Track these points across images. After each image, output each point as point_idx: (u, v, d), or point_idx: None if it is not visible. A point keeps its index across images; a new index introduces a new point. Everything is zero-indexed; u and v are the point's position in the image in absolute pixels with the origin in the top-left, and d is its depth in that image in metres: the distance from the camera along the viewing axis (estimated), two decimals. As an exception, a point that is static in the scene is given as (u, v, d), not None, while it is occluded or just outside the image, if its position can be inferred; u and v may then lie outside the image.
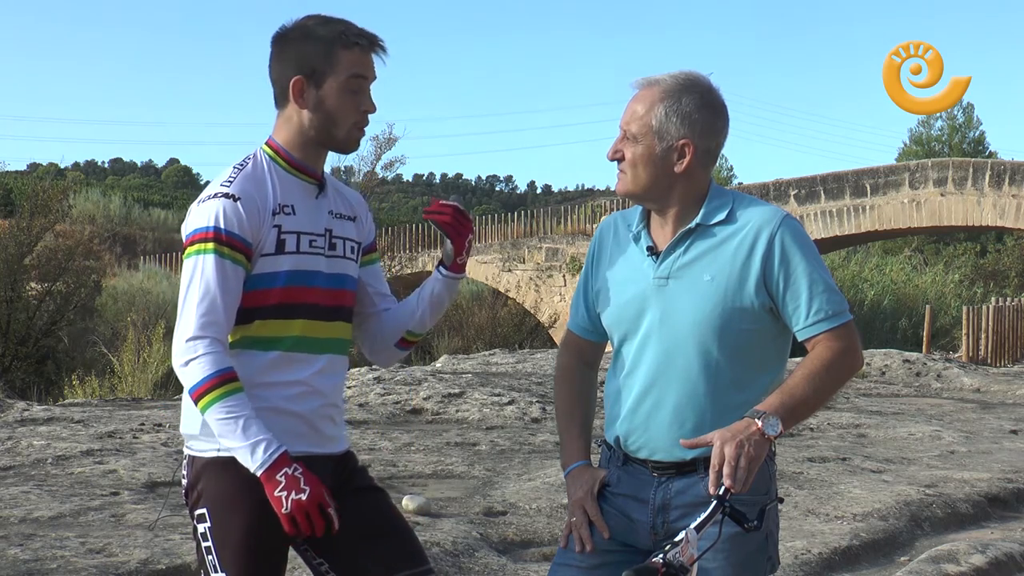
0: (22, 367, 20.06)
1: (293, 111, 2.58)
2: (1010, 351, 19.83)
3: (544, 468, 7.13)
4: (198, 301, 2.48)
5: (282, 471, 2.44)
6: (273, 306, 2.54)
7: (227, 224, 2.49)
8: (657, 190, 2.53)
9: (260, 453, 2.44)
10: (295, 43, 2.57)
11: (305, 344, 2.57)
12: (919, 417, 10.74)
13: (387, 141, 24.24)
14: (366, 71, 2.58)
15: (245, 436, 2.44)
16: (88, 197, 42.47)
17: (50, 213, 22.37)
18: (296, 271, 2.55)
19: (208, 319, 2.47)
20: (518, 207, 47.26)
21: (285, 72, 2.57)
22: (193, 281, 2.50)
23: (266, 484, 2.44)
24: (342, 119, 2.57)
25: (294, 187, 2.60)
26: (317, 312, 2.59)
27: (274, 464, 2.44)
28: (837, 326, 2.46)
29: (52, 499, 5.81)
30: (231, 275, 2.49)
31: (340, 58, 2.54)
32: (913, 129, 49.54)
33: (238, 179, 2.54)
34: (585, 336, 2.72)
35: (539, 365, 12.89)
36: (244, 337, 2.54)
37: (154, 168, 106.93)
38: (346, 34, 2.55)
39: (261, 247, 2.53)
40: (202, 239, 2.50)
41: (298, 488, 2.43)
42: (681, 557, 2.18)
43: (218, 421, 2.46)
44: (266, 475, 2.44)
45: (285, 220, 2.55)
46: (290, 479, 2.44)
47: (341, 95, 2.55)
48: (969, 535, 6.22)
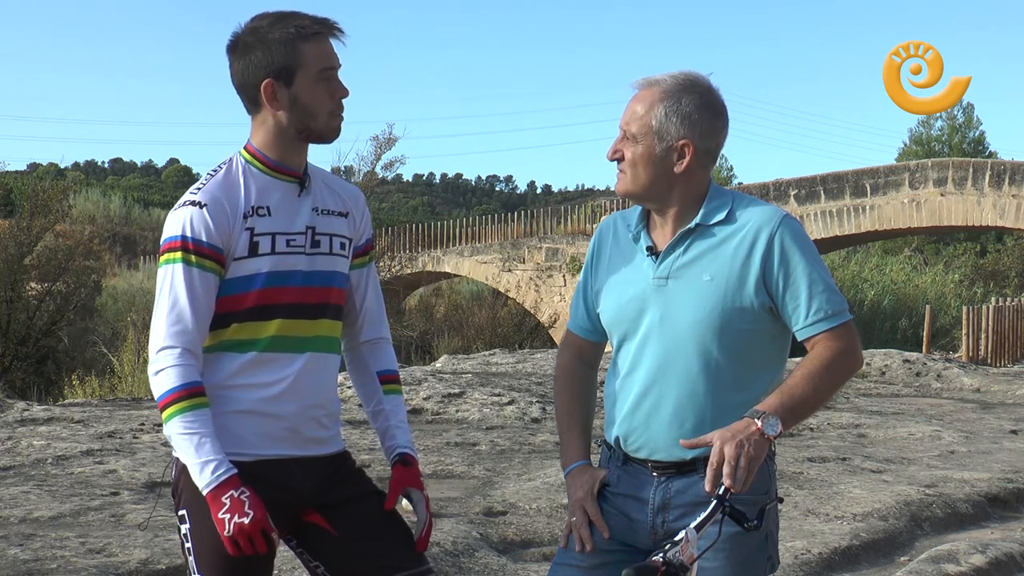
0: (22, 367, 20.06)
1: (268, 114, 2.56)
2: (1010, 351, 19.83)
3: (544, 468, 7.12)
4: (167, 312, 2.48)
5: (228, 494, 2.43)
6: (248, 309, 2.52)
7: (194, 232, 2.48)
8: (657, 190, 2.53)
9: (208, 473, 2.43)
10: (254, 49, 2.53)
11: (282, 343, 2.55)
12: (919, 417, 10.74)
13: (387, 141, 24.21)
14: (331, 60, 2.55)
15: (198, 454, 2.44)
16: (88, 197, 42.51)
17: (50, 213, 22.36)
18: (272, 272, 2.53)
19: (176, 328, 2.47)
20: (518, 207, 47.27)
21: (251, 78, 2.54)
22: (162, 292, 2.50)
23: (211, 505, 2.44)
24: (319, 111, 2.55)
25: (272, 188, 2.57)
26: (296, 311, 2.56)
27: (220, 486, 2.43)
28: (837, 326, 2.46)
29: (52, 499, 5.81)
30: (199, 283, 2.48)
31: (304, 52, 2.51)
32: (913, 129, 49.53)
33: (207, 186, 2.54)
34: (585, 336, 2.72)
35: (539, 365, 12.89)
36: (221, 341, 2.53)
37: (154, 168, 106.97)
38: (304, 28, 2.52)
39: (233, 251, 2.51)
40: (169, 248, 2.50)
41: (241, 512, 2.43)
42: (681, 556, 2.18)
43: (176, 435, 2.46)
44: (211, 496, 2.44)
45: (258, 222, 2.53)
46: (235, 502, 2.43)
47: (313, 88, 2.53)
48: (969, 535, 6.21)
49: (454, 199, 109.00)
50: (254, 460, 2.53)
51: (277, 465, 2.55)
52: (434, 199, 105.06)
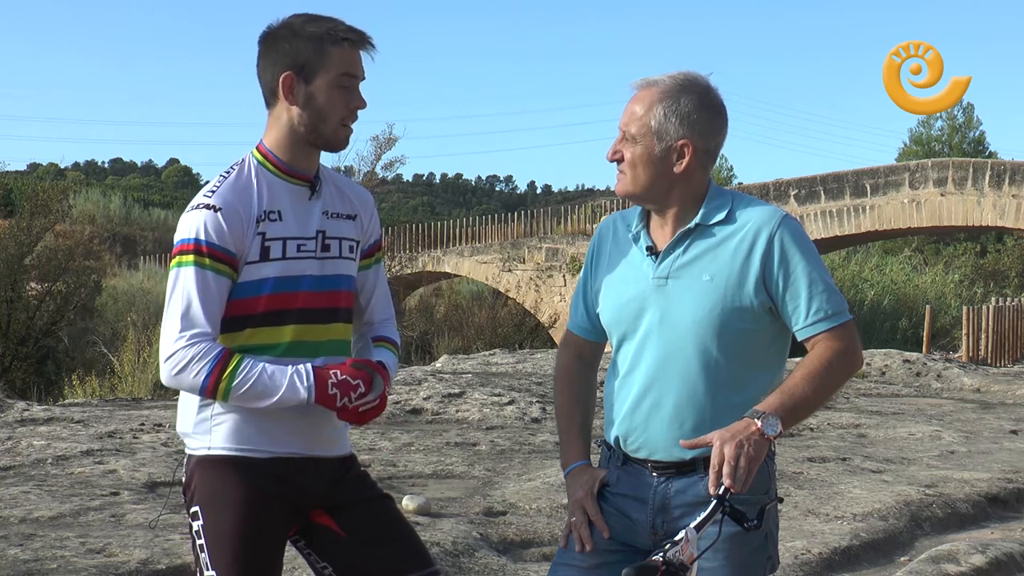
0: (22, 367, 20.04)
1: (283, 109, 2.56)
2: (1010, 351, 19.83)
3: (544, 468, 7.13)
4: (180, 313, 2.48)
5: (328, 388, 2.47)
6: (262, 314, 2.53)
7: (207, 236, 2.48)
8: (657, 190, 2.53)
9: (301, 388, 2.47)
10: (283, 41, 2.55)
11: (298, 349, 2.55)
12: (919, 417, 10.74)
13: (387, 141, 24.25)
14: (355, 69, 2.56)
15: (278, 386, 2.46)
16: (88, 197, 42.50)
17: (50, 213, 22.37)
18: (282, 277, 2.53)
19: (187, 323, 2.47)
20: (518, 207, 47.25)
21: (274, 70, 2.55)
22: (174, 293, 2.50)
23: (328, 405, 2.48)
24: (331, 115, 2.55)
25: (283, 192, 2.58)
26: (309, 316, 2.57)
27: (317, 388, 2.47)
28: (836, 326, 2.46)
29: (52, 499, 5.81)
30: (212, 285, 2.48)
31: (330, 54, 2.52)
32: (913, 129, 49.52)
33: (221, 189, 2.54)
34: (584, 336, 2.72)
35: (539, 365, 12.88)
36: (236, 345, 2.52)
37: (154, 168, 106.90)
38: (335, 31, 2.54)
39: (246, 255, 2.52)
40: (182, 251, 2.50)
41: (352, 388, 2.49)
42: (681, 556, 2.18)
43: (246, 395, 2.46)
44: (320, 399, 2.47)
45: (270, 227, 2.54)
46: (341, 385, 2.49)
47: (331, 91, 2.54)
48: (969, 535, 6.22)
49: (454, 199, 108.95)
50: (270, 457, 2.54)
51: (292, 464, 2.56)
52: (434, 199, 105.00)
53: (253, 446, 2.52)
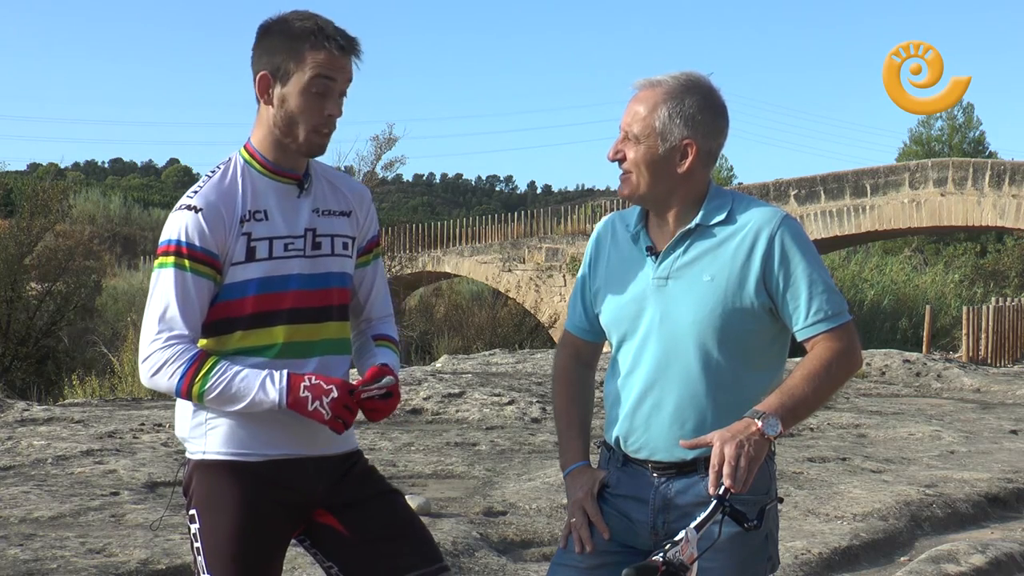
0: (22, 367, 20.03)
1: (264, 108, 2.53)
2: (1010, 351, 19.82)
3: (544, 468, 7.13)
4: (157, 315, 2.46)
5: (301, 391, 2.43)
6: (250, 316, 2.49)
7: (188, 237, 2.45)
8: (661, 191, 2.52)
9: (272, 390, 2.43)
10: (270, 36, 2.51)
11: (291, 350, 2.52)
12: (919, 417, 10.74)
13: (387, 141, 24.18)
14: (333, 72, 2.48)
15: (250, 387, 2.43)
16: (88, 197, 42.55)
17: (50, 213, 22.33)
18: (267, 278, 2.50)
19: (164, 325, 2.45)
20: (518, 207, 47.21)
21: (257, 67, 2.52)
22: (153, 296, 2.48)
23: (299, 410, 2.44)
24: (303, 120, 2.49)
25: (270, 191, 2.54)
26: (300, 316, 2.53)
27: (289, 391, 2.43)
28: (836, 326, 2.46)
29: (52, 499, 5.82)
30: (192, 287, 2.45)
31: (305, 57, 2.46)
32: (913, 129, 49.47)
33: (204, 189, 2.50)
34: (582, 336, 2.72)
35: (539, 365, 12.88)
36: (228, 348, 2.50)
37: (154, 168, 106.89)
38: (317, 33, 2.47)
39: (230, 256, 2.48)
40: (164, 252, 2.48)
41: (323, 391, 2.44)
42: (681, 556, 2.18)
43: (219, 396, 2.44)
44: (291, 404, 2.43)
45: (256, 227, 2.50)
46: (312, 389, 2.44)
47: (303, 95, 2.47)
48: (969, 535, 6.22)
49: (454, 199, 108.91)
50: (264, 460, 2.52)
51: (288, 465, 2.54)
52: (434, 199, 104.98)
53: (247, 449, 2.51)
